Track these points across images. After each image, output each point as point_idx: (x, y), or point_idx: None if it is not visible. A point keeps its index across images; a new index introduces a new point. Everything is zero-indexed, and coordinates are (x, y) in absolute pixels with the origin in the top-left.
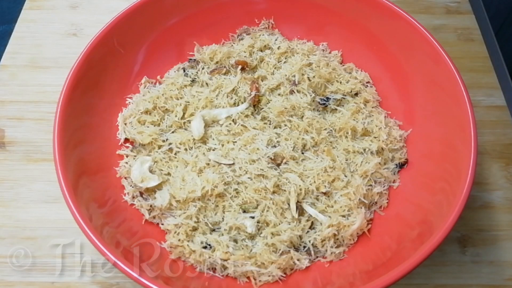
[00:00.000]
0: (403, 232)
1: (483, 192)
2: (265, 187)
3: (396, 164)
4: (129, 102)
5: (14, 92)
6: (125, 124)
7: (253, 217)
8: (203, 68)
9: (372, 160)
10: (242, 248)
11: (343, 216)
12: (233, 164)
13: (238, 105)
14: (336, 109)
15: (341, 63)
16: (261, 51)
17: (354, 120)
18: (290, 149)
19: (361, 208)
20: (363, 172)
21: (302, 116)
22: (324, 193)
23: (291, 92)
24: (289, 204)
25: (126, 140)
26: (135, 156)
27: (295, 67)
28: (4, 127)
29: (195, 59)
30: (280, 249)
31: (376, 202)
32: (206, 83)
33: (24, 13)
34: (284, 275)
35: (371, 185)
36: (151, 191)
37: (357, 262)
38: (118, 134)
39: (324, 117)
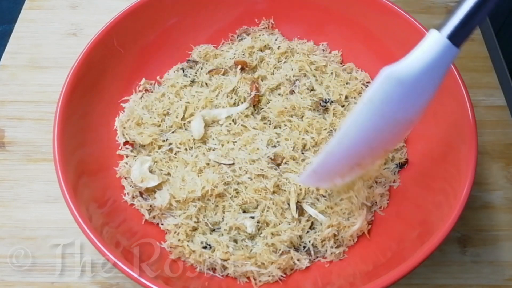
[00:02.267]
0: (403, 232)
1: (483, 192)
2: (265, 187)
3: (396, 164)
4: (126, 107)
5: (14, 92)
6: (124, 127)
7: (253, 217)
8: (201, 68)
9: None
10: (242, 248)
11: (344, 216)
12: (233, 164)
13: (238, 105)
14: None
15: (341, 63)
16: (261, 51)
17: None
18: (290, 149)
19: (363, 209)
20: (368, 177)
21: (302, 116)
22: (324, 195)
23: (291, 92)
24: (289, 204)
25: (126, 142)
26: (135, 156)
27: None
28: (4, 127)
29: (193, 60)
30: (280, 249)
31: (376, 203)
32: (206, 83)
33: (24, 13)
34: (284, 275)
35: (371, 186)
36: (151, 191)
37: (357, 262)
38: (117, 138)
39: (324, 117)
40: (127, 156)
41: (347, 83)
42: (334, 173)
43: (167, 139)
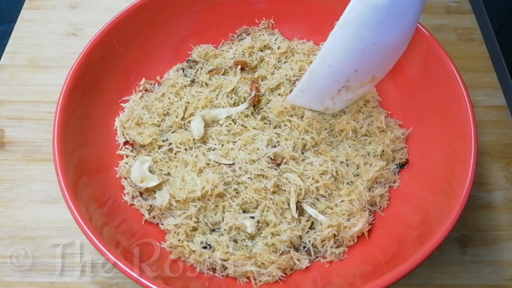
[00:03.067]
0: (403, 233)
1: (484, 192)
2: (265, 187)
3: (397, 165)
4: (126, 107)
5: (14, 92)
6: (124, 128)
7: (253, 217)
8: (201, 68)
9: (375, 163)
10: (242, 248)
11: (344, 217)
12: (233, 164)
13: (238, 105)
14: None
15: None
16: (261, 51)
17: (354, 120)
18: (290, 149)
19: (364, 212)
20: (370, 178)
21: (302, 116)
22: (324, 196)
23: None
24: (289, 204)
25: (126, 142)
26: (135, 156)
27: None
28: (3, 127)
29: (193, 60)
30: (280, 249)
31: (376, 203)
32: (206, 83)
33: (23, 13)
34: (284, 275)
35: (372, 186)
36: (151, 191)
37: (357, 263)
38: (117, 138)
39: (324, 117)
40: (127, 156)
41: None
42: (321, 93)
43: (167, 139)
